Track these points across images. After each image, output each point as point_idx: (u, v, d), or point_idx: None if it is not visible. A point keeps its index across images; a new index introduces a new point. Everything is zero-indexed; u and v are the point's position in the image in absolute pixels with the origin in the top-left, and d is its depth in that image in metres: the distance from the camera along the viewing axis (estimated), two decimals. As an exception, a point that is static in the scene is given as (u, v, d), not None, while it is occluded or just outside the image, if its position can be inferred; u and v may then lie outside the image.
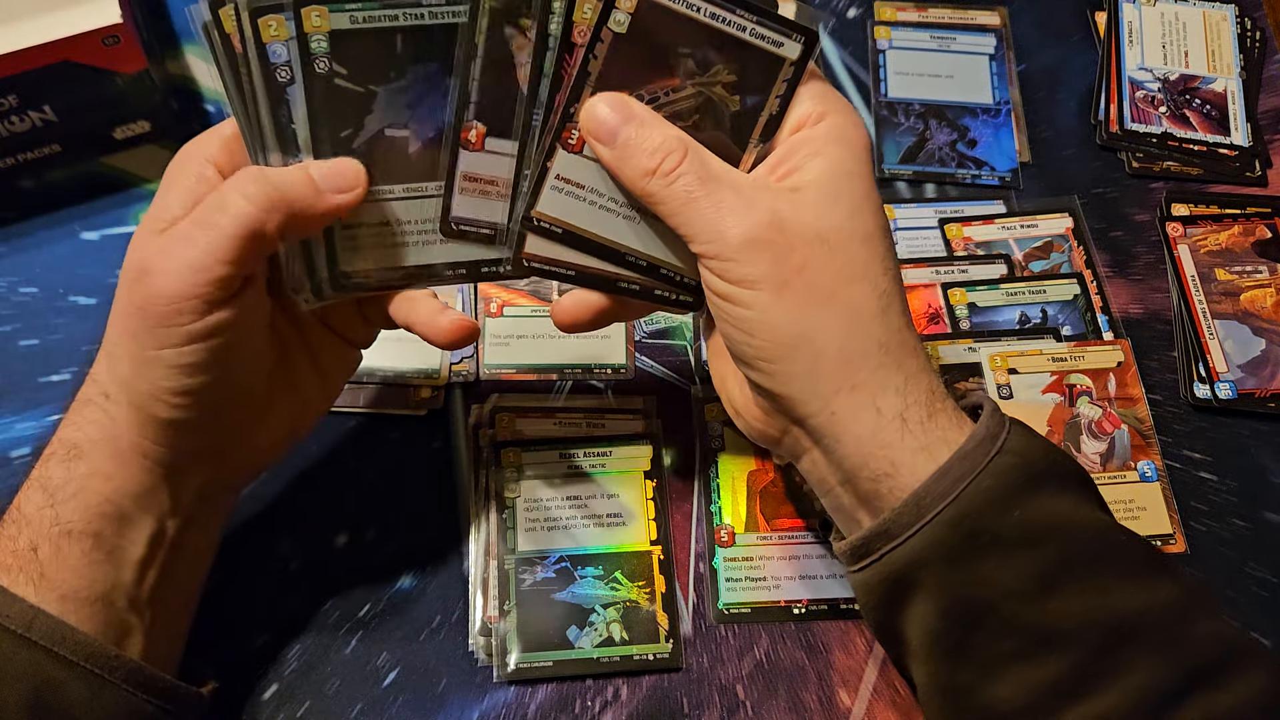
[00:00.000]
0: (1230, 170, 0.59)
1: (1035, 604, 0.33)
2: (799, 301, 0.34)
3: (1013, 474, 0.33)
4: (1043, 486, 0.34)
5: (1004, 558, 0.33)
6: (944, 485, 0.33)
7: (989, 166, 0.58)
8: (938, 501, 0.33)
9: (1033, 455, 0.34)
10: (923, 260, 0.55)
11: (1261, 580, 0.48)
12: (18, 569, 0.34)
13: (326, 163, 0.35)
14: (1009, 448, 0.34)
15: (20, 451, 0.47)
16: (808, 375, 0.34)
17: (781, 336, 0.34)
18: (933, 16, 0.63)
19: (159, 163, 0.54)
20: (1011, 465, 0.33)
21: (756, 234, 0.34)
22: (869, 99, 0.60)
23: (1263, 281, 0.54)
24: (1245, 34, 0.63)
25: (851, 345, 0.34)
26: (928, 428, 0.34)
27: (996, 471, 0.33)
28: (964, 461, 0.33)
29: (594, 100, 0.35)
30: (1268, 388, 0.52)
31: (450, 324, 0.38)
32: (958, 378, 0.51)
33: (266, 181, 0.33)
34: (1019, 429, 0.35)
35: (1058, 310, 0.53)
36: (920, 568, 0.34)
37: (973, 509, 0.33)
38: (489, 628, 0.44)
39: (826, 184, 0.35)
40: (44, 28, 0.47)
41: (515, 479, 0.47)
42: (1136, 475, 0.49)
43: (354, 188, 0.35)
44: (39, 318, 0.50)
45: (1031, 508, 0.33)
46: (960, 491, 0.33)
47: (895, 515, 0.34)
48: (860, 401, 0.34)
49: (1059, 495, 0.34)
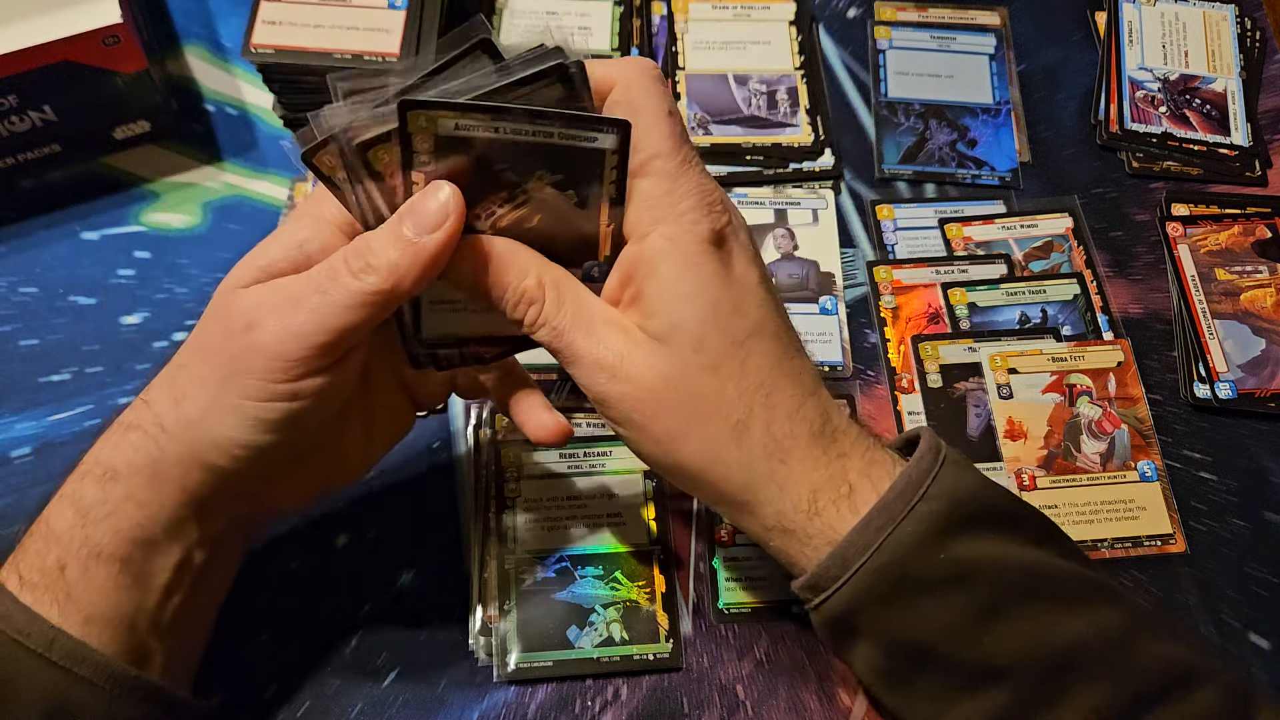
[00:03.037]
0: (1230, 170, 0.59)
1: (972, 640, 0.34)
2: (661, 443, 0.35)
3: (936, 519, 0.34)
4: (969, 528, 0.34)
5: (936, 598, 0.34)
6: (866, 536, 0.34)
7: (989, 166, 0.58)
8: (861, 553, 0.34)
9: (959, 497, 0.34)
10: (923, 260, 0.55)
11: (1261, 580, 0.48)
12: (44, 587, 0.34)
13: (410, 208, 0.33)
14: (934, 492, 0.34)
15: (20, 451, 0.47)
16: (702, 493, 0.36)
17: (660, 466, 0.36)
18: (933, 16, 0.63)
19: (159, 163, 0.54)
20: (935, 511, 0.34)
21: (606, 390, 0.34)
22: (869, 99, 0.60)
23: (1263, 281, 0.54)
24: (1245, 34, 0.63)
25: (718, 484, 0.35)
26: (836, 506, 0.34)
27: (919, 517, 0.34)
28: (885, 511, 0.34)
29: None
30: (1268, 388, 0.52)
31: (553, 424, 0.40)
32: (958, 377, 0.51)
33: (371, 251, 0.33)
34: (950, 469, 0.35)
35: (1058, 310, 0.53)
36: (855, 613, 0.35)
37: (897, 556, 0.33)
38: (489, 628, 0.44)
39: (666, 313, 0.34)
40: (44, 28, 0.47)
41: (515, 478, 0.47)
42: (1136, 475, 0.49)
43: (445, 220, 0.33)
44: (39, 318, 0.50)
45: (958, 548, 0.34)
46: (883, 540, 0.33)
47: (822, 570, 0.34)
48: (759, 516, 0.35)
49: (987, 535, 0.35)
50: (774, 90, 0.59)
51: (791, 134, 0.57)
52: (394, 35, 0.50)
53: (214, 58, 0.58)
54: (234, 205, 0.54)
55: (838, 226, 0.56)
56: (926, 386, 0.51)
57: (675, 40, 0.60)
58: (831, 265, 0.55)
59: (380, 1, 0.51)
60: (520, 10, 0.59)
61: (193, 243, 0.52)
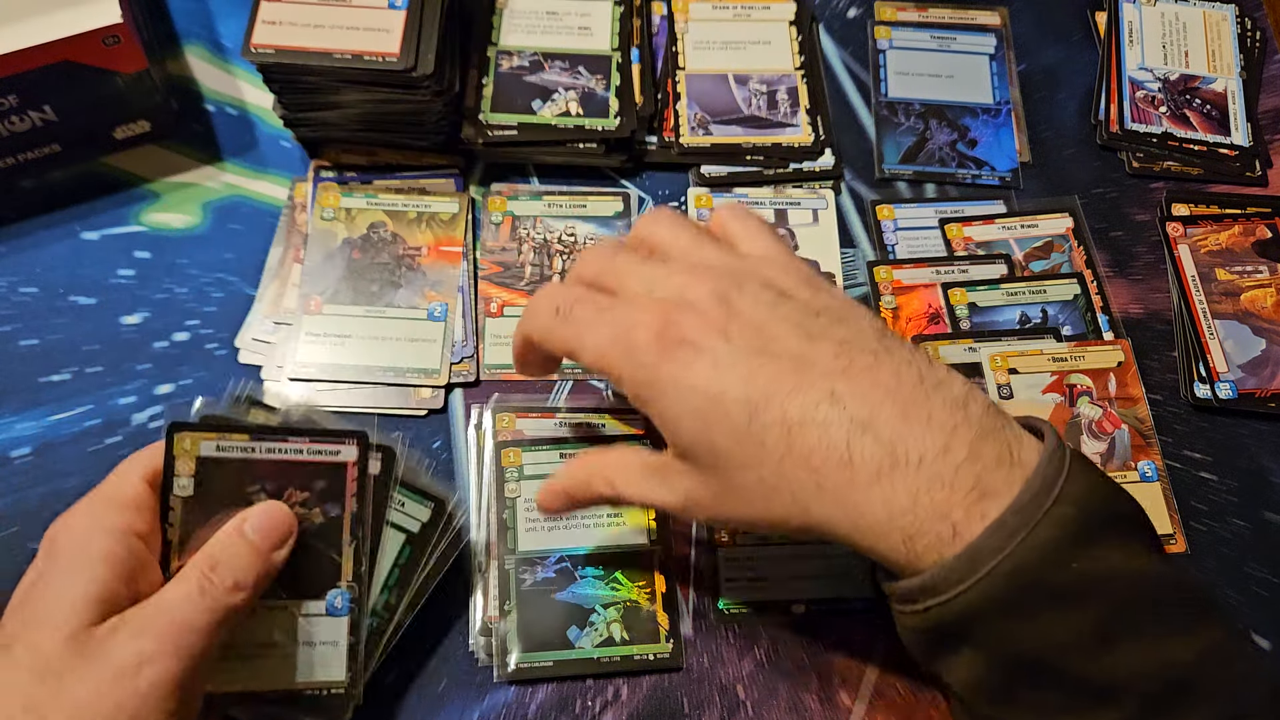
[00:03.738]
0: (1230, 170, 0.59)
1: (1089, 658, 0.32)
2: (762, 523, 0.36)
3: (1070, 525, 0.32)
4: (1100, 536, 0.32)
5: (1059, 612, 0.32)
6: (999, 539, 0.31)
7: (989, 166, 0.58)
8: (993, 555, 0.31)
9: (1091, 503, 0.32)
10: (923, 260, 0.55)
11: (1261, 580, 0.48)
12: None
13: (256, 513, 0.36)
14: (1066, 496, 0.32)
15: (20, 451, 0.47)
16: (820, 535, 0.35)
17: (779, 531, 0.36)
18: (933, 16, 0.63)
19: (159, 163, 0.54)
20: (1069, 517, 0.32)
21: (690, 515, 0.40)
22: (869, 99, 0.60)
23: (1263, 281, 0.54)
24: (1245, 34, 0.63)
25: (831, 532, 0.34)
26: (965, 509, 0.32)
27: (1053, 523, 0.31)
28: (1020, 513, 0.32)
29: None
30: (1268, 388, 0.52)
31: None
32: (958, 378, 0.51)
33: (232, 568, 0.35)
34: (1077, 471, 0.33)
35: (1058, 310, 0.53)
36: (972, 621, 0.32)
37: (1029, 563, 0.31)
38: (489, 628, 0.44)
39: (672, 439, 0.36)
40: (44, 28, 0.47)
41: (516, 478, 0.47)
42: (1137, 475, 0.49)
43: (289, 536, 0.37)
44: (39, 318, 0.50)
45: (1088, 559, 0.32)
46: (1015, 545, 0.31)
47: (946, 571, 0.32)
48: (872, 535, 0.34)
49: (1115, 544, 0.33)
50: (774, 90, 0.59)
51: (791, 134, 0.57)
52: (394, 35, 0.50)
53: (214, 58, 0.58)
54: (234, 205, 0.54)
55: (838, 226, 0.56)
56: (926, 386, 0.51)
57: (675, 40, 0.60)
58: (832, 265, 0.55)
59: (380, 1, 0.51)
60: (520, 10, 0.59)
61: (193, 243, 0.52)
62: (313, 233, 0.52)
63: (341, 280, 0.51)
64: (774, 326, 0.35)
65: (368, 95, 0.52)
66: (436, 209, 0.53)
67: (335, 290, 0.51)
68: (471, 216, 0.54)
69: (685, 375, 0.34)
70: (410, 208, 0.53)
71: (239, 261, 0.52)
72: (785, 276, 0.38)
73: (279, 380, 0.49)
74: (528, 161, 0.56)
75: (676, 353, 0.35)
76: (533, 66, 0.57)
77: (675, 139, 0.57)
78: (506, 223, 0.54)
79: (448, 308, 0.51)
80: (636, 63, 0.57)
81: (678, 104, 0.58)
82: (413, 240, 0.53)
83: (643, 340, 0.35)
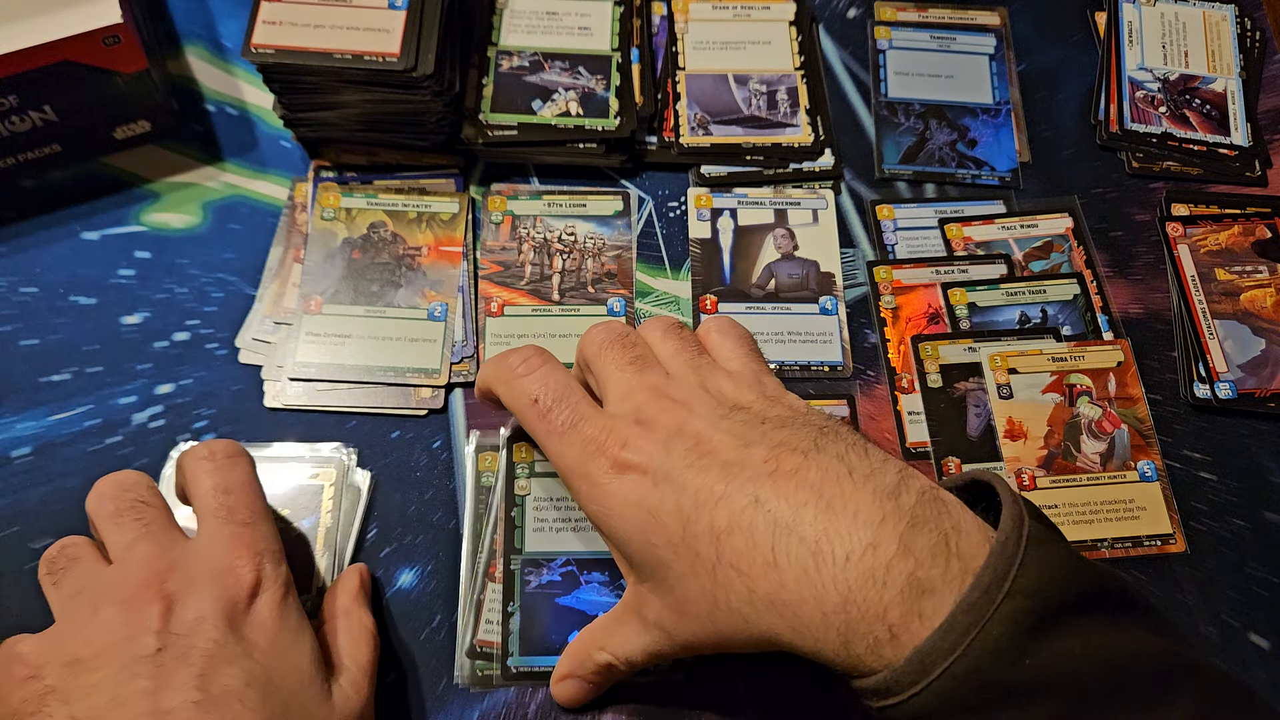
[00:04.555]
0: (1230, 170, 0.59)
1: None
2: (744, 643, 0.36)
3: (1023, 620, 0.31)
4: (1055, 626, 0.31)
5: (1016, 710, 0.31)
6: (949, 640, 0.31)
7: (989, 166, 0.58)
8: (944, 656, 0.31)
9: (1046, 591, 0.31)
10: (923, 260, 0.55)
11: (1262, 580, 0.48)
12: None
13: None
14: (1019, 588, 0.31)
15: (20, 451, 0.47)
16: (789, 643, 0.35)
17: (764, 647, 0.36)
18: (933, 16, 0.63)
19: (159, 163, 0.54)
20: (1022, 611, 0.31)
21: (677, 650, 0.38)
22: (869, 99, 0.60)
23: (1263, 281, 0.54)
24: (1245, 34, 0.63)
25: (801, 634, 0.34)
26: (915, 604, 0.32)
27: (1005, 620, 0.31)
28: (969, 614, 0.31)
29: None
30: (1268, 388, 0.52)
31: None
32: (958, 377, 0.51)
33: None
34: (1032, 556, 0.32)
35: (1058, 310, 0.53)
36: (928, 718, 0.32)
37: (982, 663, 0.31)
38: (476, 649, 0.44)
39: (625, 562, 0.39)
40: (44, 28, 0.47)
41: (527, 475, 0.47)
42: (1136, 475, 0.49)
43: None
44: (39, 318, 0.50)
45: (1045, 652, 0.31)
46: (967, 645, 0.31)
47: (897, 674, 0.31)
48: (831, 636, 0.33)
49: (1074, 631, 0.32)
50: (774, 90, 0.59)
51: (791, 134, 0.57)
52: (394, 35, 0.50)
53: (214, 58, 0.58)
54: (234, 205, 0.54)
55: (838, 226, 0.56)
56: (926, 386, 0.51)
57: (675, 40, 0.60)
58: (831, 265, 0.55)
59: (380, 1, 0.51)
60: (520, 10, 0.59)
61: (193, 243, 0.52)
62: (313, 233, 0.52)
63: (342, 280, 0.51)
64: (715, 438, 0.36)
65: (368, 95, 0.52)
66: (437, 209, 0.54)
67: (335, 290, 0.51)
68: (471, 216, 0.54)
69: (630, 494, 0.36)
70: (410, 208, 0.53)
71: (239, 261, 0.52)
72: (747, 392, 0.39)
73: (279, 380, 0.49)
74: (528, 161, 0.56)
75: (625, 475, 0.37)
76: (533, 66, 0.57)
77: (675, 139, 0.57)
78: (506, 222, 0.54)
79: (448, 308, 0.51)
80: (636, 63, 0.57)
81: (678, 104, 0.58)
82: (413, 240, 0.53)
83: (598, 466, 0.37)
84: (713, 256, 0.54)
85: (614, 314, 0.52)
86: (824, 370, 0.52)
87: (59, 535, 0.45)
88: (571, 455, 0.38)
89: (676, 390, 0.39)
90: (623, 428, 0.38)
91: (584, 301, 0.53)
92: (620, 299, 0.53)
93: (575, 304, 0.52)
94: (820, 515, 0.33)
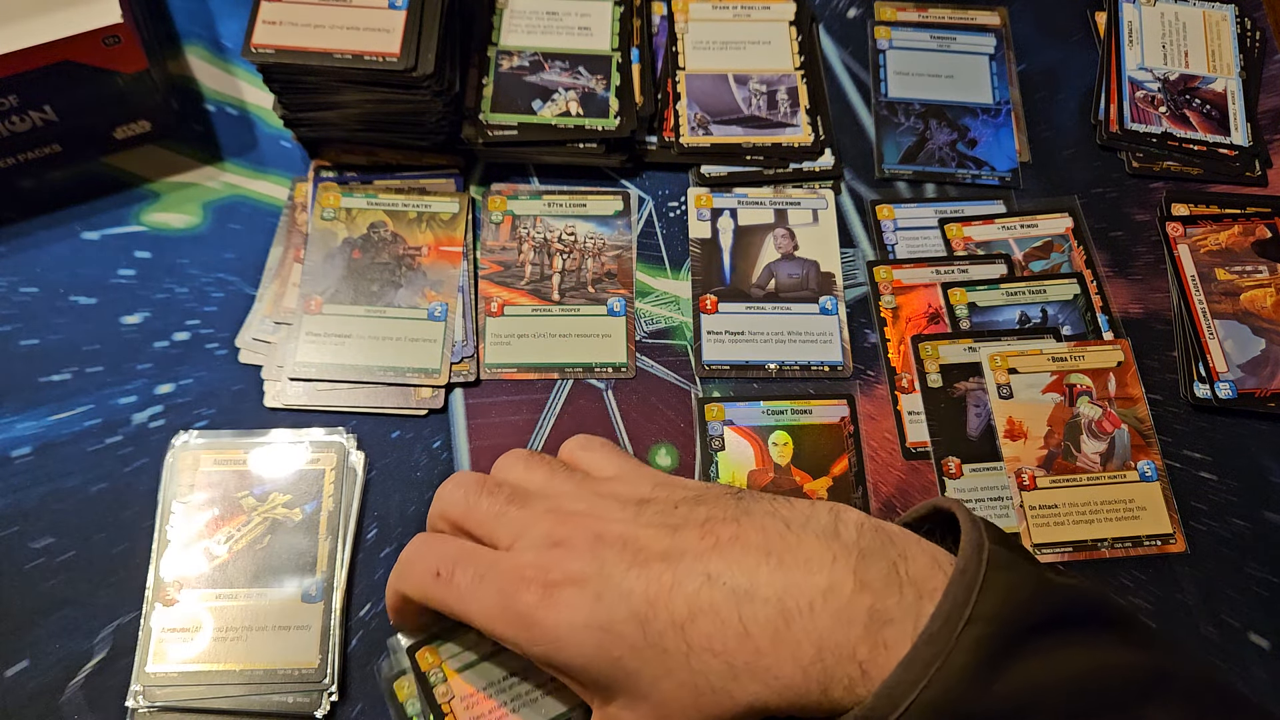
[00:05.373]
0: (1230, 170, 0.59)
1: None
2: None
3: (986, 646, 0.31)
4: (1019, 650, 0.31)
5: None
6: (914, 672, 0.31)
7: (989, 166, 0.58)
8: (910, 689, 0.31)
9: (1008, 614, 0.31)
10: (923, 260, 0.55)
11: (1262, 580, 0.48)
12: None
13: None
14: (979, 614, 0.31)
15: (20, 451, 0.47)
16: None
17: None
18: (933, 16, 0.63)
19: (159, 163, 0.54)
20: (984, 637, 0.31)
21: None
22: (869, 99, 0.60)
23: (1263, 281, 0.54)
24: (1245, 34, 0.63)
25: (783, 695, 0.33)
26: (876, 642, 0.32)
27: (967, 648, 0.31)
28: (931, 645, 0.31)
29: None
30: (1268, 387, 0.52)
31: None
32: (958, 377, 0.51)
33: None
34: (992, 580, 0.32)
35: (1058, 310, 0.53)
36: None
37: (949, 693, 0.30)
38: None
39: (578, 681, 0.36)
40: (44, 28, 0.47)
41: (441, 679, 0.41)
42: (1136, 475, 0.49)
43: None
44: (39, 318, 0.50)
45: (1013, 677, 0.31)
46: (932, 675, 0.30)
47: (867, 711, 0.31)
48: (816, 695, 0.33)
49: (1039, 653, 0.32)
50: (774, 90, 0.59)
51: (791, 134, 0.58)
52: (394, 35, 0.50)
53: (214, 58, 0.58)
54: (235, 205, 0.54)
55: (838, 226, 0.56)
56: (926, 386, 0.51)
57: (675, 40, 0.60)
58: (831, 265, 0.55)
59: (380, 1, 0.51)
60: (520, 10, 0.59)
61: (193, 243, 0.52)
62: (313, 233, 0.52)
63: (342, 280, 0.51)
64: (640, 535, 0.36)
65: (368, 95, 0.52)
66: (437, 209, 0.54)
67: (335, 290, 0.51)
68: (471, 216, 0.54)
69: (575, 616, 0.35)
70: (410, 208, 0.53)
71: (239, 261, 0.52)
72: (641, 486, 0.39)
73: (279, 380, 0.49)
74: (528, 161, 0.56)
75: (559, 598, 0.35)
76: (533, 66, 0.57)
77: (675, 139, 0.57)
78: (506, 222, 0.54)
79: (448, 307, 0.51)
80: (636, 63, 0.57)
81: (678, 104, 0.58)
82: (413, 240, 0.53)
83: (528, 603, 0.35)
84: (713, 256, 0.55)
85: (614, 314, 0.52)
86: (824, 370, 0.52)
87: (58, 535, 0.45)
88: (492, 603, 0.36)
89: (576, 504, 0.38)
90: (539, 557, 0.36)
91: (584, 301, 0.53)
92: (620, 299, 0.53)
93: (575, 304, 0.52)
94: (775, 573, 0.33)
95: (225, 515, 0.45)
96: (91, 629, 0.43)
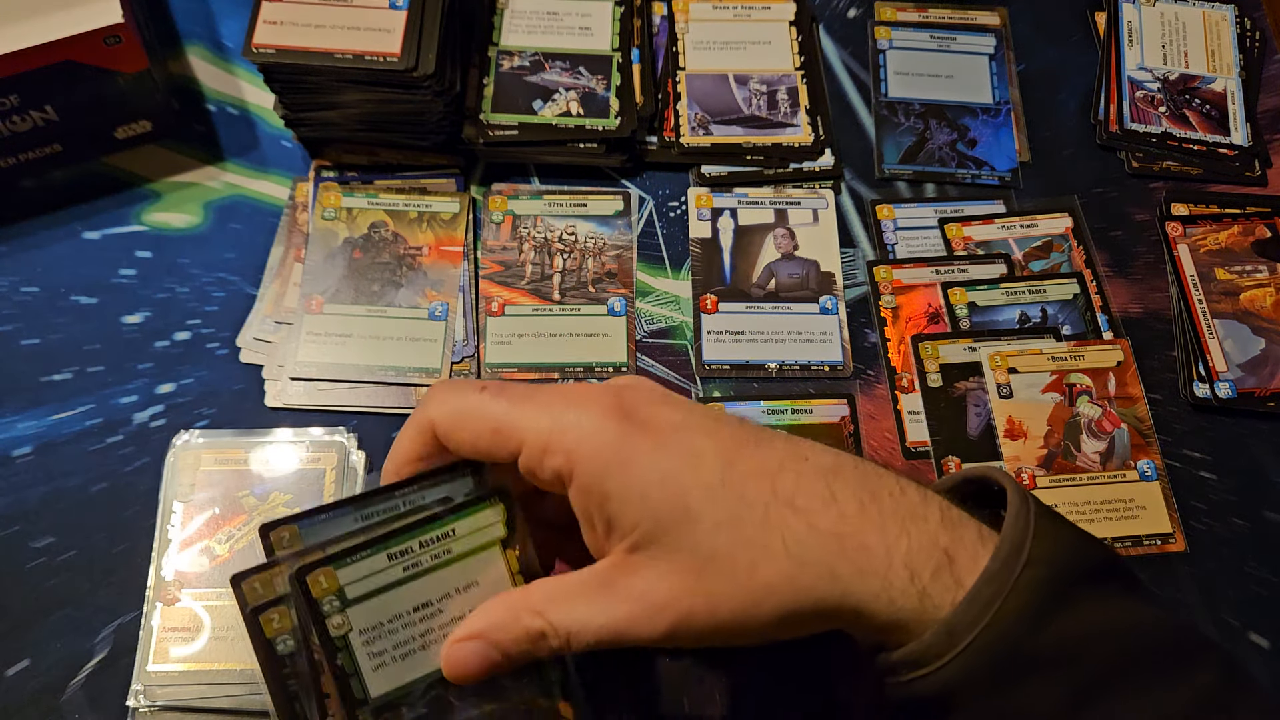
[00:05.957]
0: (1230, 170, 0.59)
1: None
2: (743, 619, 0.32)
3: (1041, 588, 0.31)
4: (1074, 593, 0.32)
5: (1041, 678, 0.31)
6: (974, 611, 0.31)
7: (989, 166, 0.58)
8: (969, 629, 0.31)
9: (1061, 559, 0.32)
10: (923, 260, 0.55)
11: (1262, 580, 0.48)
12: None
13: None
14: (1035, 556, 0.31)
15: (21, 451, 0.47)
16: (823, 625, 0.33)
17: (765, 633, 0.33)
18: (933, 16, 0.63)
19: (160, 162, 0.54)
20: (1040, 579, 0.31)
21: (655, 632, 0.32)
22: (869, 99, 0.60)
23: (1262, 281, 0.55)
24: (1245, 34, 0.63)
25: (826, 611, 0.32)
26: (938, 577, 0.32)
27: (1025, 589, 0.31)
28: (991, 581, 0.31)
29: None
30: (1267, 387, 0.52)
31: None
32: (958, 377, 0.51)
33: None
34: (1044, 527, 0.32)
35: (1058, 310, 0.53)
36: (953, 693, 0.32)
37: (1006, 633, 0.31)
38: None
39: (635, 520, 0.32)
40: (45, 28, 0.47)
41: (338, 607, 0.33)
42: (1136, 474, 0.49)
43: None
44: (40, 317, 0.50)
45: (1065, 620, 0.31)
46: (991, 616, 0.31)
47: (924, 646, 0.31)
48: (874, 617, 0.32)
49: (1091, 599, 0.32)
50: (774, 90, 0.59)
51: (791, 134, 0.58)
52: (395, 35, 0.50)
53: (215, 58, 0.58)
54: (235, 205, 0.54)
55: (838, 226, 0.56)
56: (926, 386, 0.51)
57: (675, 40, 0.60)
58: (831, 265, 0.55)
59: (381, 1, 0.51)
60: (520, 10, 0.59)
61: (194, 242, 0.53)
62: (314, 232, 0.53)
63: (343, 280, 0.52)
64: (710, 412, 0.35)
65: (369, 95, 0.52)
66: (437, 209, 0.54)
67: (336, 290, 0.51)
68: (472, 216, 0.54)
69: (652, 438, 0.32)
70: (411, 207, 0.53)
71: (240, 261, 0.52)
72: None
73: (280, 379, 0.49)
74: (528, 161, 0.56)
75: (634, 418, 0.33)
76: (533, 66, 0.57)
77: (675, 139, 0.57)
78: (507, 222, 0.54)
79: (448, 307, 0.51)
80: (637, 63, 0.57)
81: (678, 104, 0.58)
82: (414, 240, 0.53)
83: (596, 414, 0.32)
84: (713, 256, 0.55)
85: (615, 313, 0.52)
86: (824, 370, 0.52)
87: (59, 535, 0.45)
88: (555, 413, 0.33)
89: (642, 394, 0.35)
90: (612, 387, 0.34)
91: (585, 301, 0.53)
92: (621, 298, 0.53)
93: (576, 303, 0.52)
94: (856, 468, 0.33)
95: (226, 515, 0.45)
96: (92, 628, 0.43)
